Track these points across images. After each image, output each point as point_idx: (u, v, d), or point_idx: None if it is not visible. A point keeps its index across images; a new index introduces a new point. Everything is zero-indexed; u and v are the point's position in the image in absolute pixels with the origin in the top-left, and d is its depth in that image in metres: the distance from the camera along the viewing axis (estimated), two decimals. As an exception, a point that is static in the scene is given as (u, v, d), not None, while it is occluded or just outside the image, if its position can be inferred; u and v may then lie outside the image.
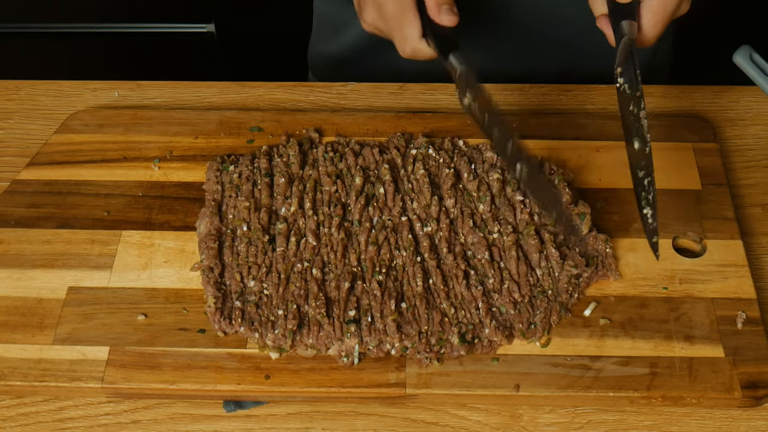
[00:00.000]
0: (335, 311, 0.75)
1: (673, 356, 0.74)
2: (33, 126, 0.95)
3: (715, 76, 1.01)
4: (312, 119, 0.92)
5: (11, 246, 0.82)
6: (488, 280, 0.78)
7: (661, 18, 0.78)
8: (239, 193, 0.83)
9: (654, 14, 0.77)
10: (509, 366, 0.74)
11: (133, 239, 0.82)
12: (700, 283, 0.79)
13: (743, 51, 0.96)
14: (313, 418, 0.74)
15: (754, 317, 0.76)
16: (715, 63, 1.15)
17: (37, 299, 0.78)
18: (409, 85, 0.98)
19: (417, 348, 0.73)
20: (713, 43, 1.65)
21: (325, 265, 0.78)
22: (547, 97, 0.98)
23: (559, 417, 0.74)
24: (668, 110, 0.96)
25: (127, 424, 0.73)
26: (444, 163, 0.86)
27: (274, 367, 0.74)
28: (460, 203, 0.83)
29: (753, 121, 0.96)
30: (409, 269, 0.78)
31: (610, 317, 0.77)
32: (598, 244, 0.81)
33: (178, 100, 0.97)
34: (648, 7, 0.77)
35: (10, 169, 0.90)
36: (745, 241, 0.82)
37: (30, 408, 0.74)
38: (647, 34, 0.78)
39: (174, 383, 0.73)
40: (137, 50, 1.92)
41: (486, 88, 0.77)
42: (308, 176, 0.85)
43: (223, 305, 0.76)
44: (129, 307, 0.77)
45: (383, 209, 0.82)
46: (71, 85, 0.99)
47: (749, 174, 0.90)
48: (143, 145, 0.90)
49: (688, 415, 0.74)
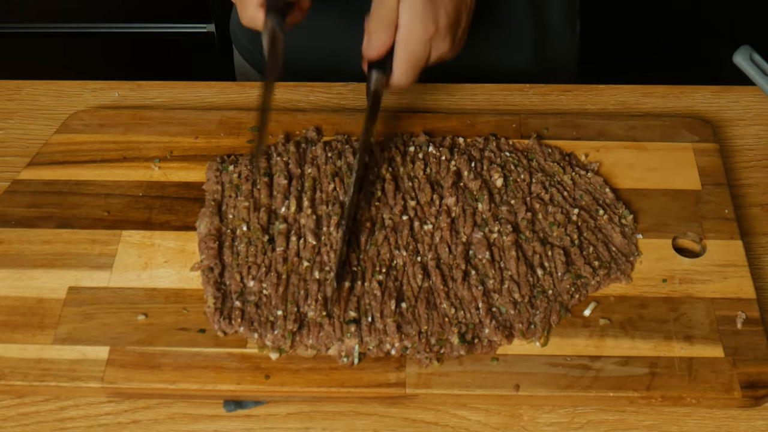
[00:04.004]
0: (335, 311, 0.75)
1: (673, 356, 0.74)
2: (33, 126, 0.95)
3: (715, 76, 1.01)
4: (312, 119, 0.92)
5: (11, 246, 0.82)
6: (488, 280, 0.78)
7: (411, 68, 0.81)
8: (239, 192, 0.84)
9: (404, 64, 0.81)
10: (509, 366, 0.74)
11: (133, 239, 0.82)
12: (700, 283, 0.79)
13: (743, 51, 0.96)
14: (313, 418, 0.74)
15: (753, 317, 0.76)
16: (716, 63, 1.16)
17: (37, 299, 0.78)
18: (409, 85, 0.98)
19: (417, 348, 0.73)
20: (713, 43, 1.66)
21: (324, 265, 0.78)
22: (547, 97, 0.98)
23: (559, 417, 0.74)
24: (668, 110, 0.96)
25: (127, 423, 0.73)
26: (445, 161, 0.86)
27: (274, 367, 0.74)
28: (462, 202, 0.83)
29: (753, 121, 0.96)
30: (409, 269, 0.78)
31: (609, 317, 0.77)
32: (630, 247, 0.81)
33: (178, 100, 0.98)
34: (399, 59, 0.81)
35: (11, 169, 0.90)
36: (745, 241, 0.83)
37: (30, 408, 0.74)
38: (397, 82, 0.82)
39: (174, 383, 0.73)
40: (137, 50, 1.92)
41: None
42: (307, 175, 0.85)
43: (223, 305, 0.76)
44: (129, 307, 0.77)
45: (383, 208, 0.82)
46: (71, 85, 0.99)
47: (749, 174, 0.90)
48: (143, 145, 0.90)
49: (688, 415, 0.74)
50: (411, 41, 0.80)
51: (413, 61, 0.81)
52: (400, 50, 0.80)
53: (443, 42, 0.81)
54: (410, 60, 0.81)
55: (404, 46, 0.80)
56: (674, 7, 2.12)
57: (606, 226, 0.82)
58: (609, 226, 0.82)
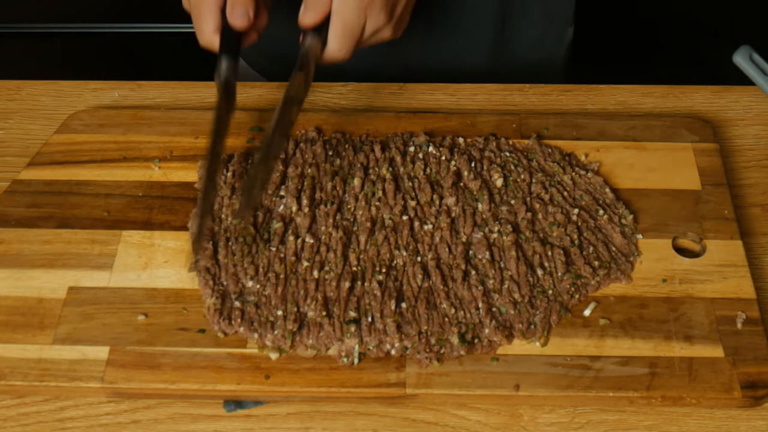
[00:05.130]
0: (335, 311, 0.75)
1: (673, 356, 0.74)
2: (33, 126, 0.95)
3: (715, 76, 1.01)
4: (312, 119, 0.92)
5: (11, 246, 0.82)
6: (488, 280, 0.78)
7: (346, 38, 0.81)
8: (233, 192, 0.83)
9: (339, 33, 0.81)
10: (509, 366, 0.74)
11: (133, 239, 0.82)
12: (700, 283, 0.79)
13: (743, 51, 0.96)
14: (313, 418, 0.74)
15: (753, 317, 0.76)
16: (716, 63, 1.16)
17: (37, 299, 0.78)
18: (409, 85, 0.99)
19: (417, 348, 0.73)
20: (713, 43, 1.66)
21: (324, 265, 0.78)
22: (547, 97, 0.98)
23: (559, 417, 0.74)
24: (668, 110, 0.96)
25: (128, 423, 0.73)
26: (445, 161, 0.86)
27: (274, 367, 0.74)
28: (462, 202, 0.83)
29: (753, 121, 0.96)
30: (409, 269, 0.78)
31: (609, 317, 0.77)
32: (630, 247, 0.81)
33: (178, 100, 0.98)
34: (333, 27, 0.81)
35: (11, 169, 0.90)
36: (744, 241, 0.83)
37: (30, 408, 0.74)
38: (332, 52, 0.82)
39: (174, 383, 0.73)
40: (137, 50, 1.92)
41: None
42: (307, 174, 0.85)
43: (222, 306, 0.76)
44: (129, 307, 0.77)
45: (384, 208, 0.82)
46: (71, 85, 0.99)
47: (749, 174, 0.90)
48: (143, 145, 0.90)
49: (688, 415, 0.74)
50: (345, 9, 0.80)
51: (348, 30, 0.81)
52: (334, 19, 0.80)
53: (379, 14, 0.82)
54: (345, 29, 0.81)
55: (338, 14, 0.80)
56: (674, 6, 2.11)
57: (606, 226, 0.82)
58: (609, 226, 0.82)
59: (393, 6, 0.83)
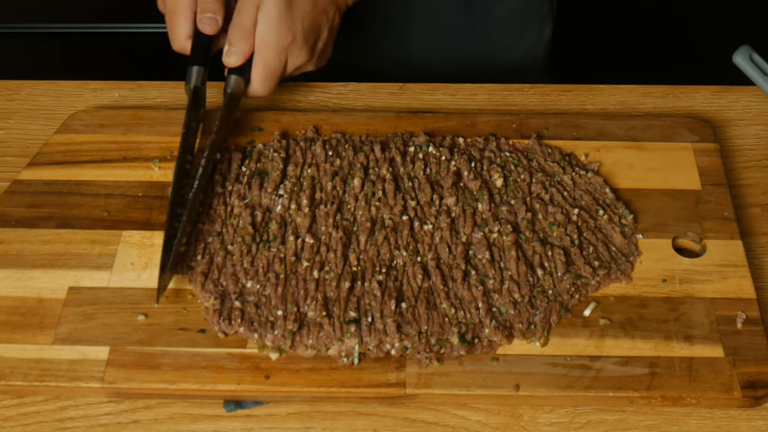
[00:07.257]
0: (335, 311, 0.75)
1: (673, 356, 0.74)
2: (33, 126, 0.95)
3: (715, 76, 1.01)
4: (312, 119, 0.92)
5: (11, 246, 0.82)
6: (488, 280, 0.78)
7: (267, 77, 0.86)
8: (231, 192, 0.83)
9: (260, 73, 0.85)
10: (509, 366, 0.74)
11: (133, 239, 0.82)
12: (700, 283, 0.79)
13: (743, 51, 0.96)
14: (313, 418, 0.74)
15: (753, 317, 0.76)
16: (715, 63, 1.16)
17: (37, 299, 0.78)
18: (409, 85, 0.99)
19: (417, 348, 0.73)
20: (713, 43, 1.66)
21: (324, 265, 0.78)
22: (547, 97, 0.98)
23: (559, 417, 0.74)
24: (668, 110, 0.96)
25: (128, 423, 0.73)
26: (445, 161, 0.86)
27: (274, 367, 0.74)
28: (462, 202, 0.83)
29: (753, 121, 0.96)
30: (409, 269, 0.78)
31: (609, 317, 0.77)
32: (630, 247, 0.81)
33: (178, 100, 0.98)
34: (255, 67, 0.85)
35: (11, 169, 0.90)
36: (744, 241, 0.83)
37: (30, 408, 0.74)
38: (255, 90, 0.87)
39: (174, 383, 0.73)
40: (138, 50, 1.92)
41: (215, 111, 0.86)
42: (306, 174, 0.85)
43: (222, 306, 0.76)
44: (129, 307, 0.77)
45: (384, 208, 0.82)
46: (71, 85, 0.99)
47: (749, 174, 0.90)
48: (143, 145, 0.90)
49: (688, 415, 0.74)
50: (266, 51, 0.84)
51: (269, 70, 0.85)
52: (257, 59, 0.84)
53: (300, 53, 0.86)
54: (266, 69, 0.85)
55: (260, 55, 0.84)
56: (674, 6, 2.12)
57: (606, 226, 0.82)
58: (609, 226, 0.82)
59: (314, 43, 0.87)
